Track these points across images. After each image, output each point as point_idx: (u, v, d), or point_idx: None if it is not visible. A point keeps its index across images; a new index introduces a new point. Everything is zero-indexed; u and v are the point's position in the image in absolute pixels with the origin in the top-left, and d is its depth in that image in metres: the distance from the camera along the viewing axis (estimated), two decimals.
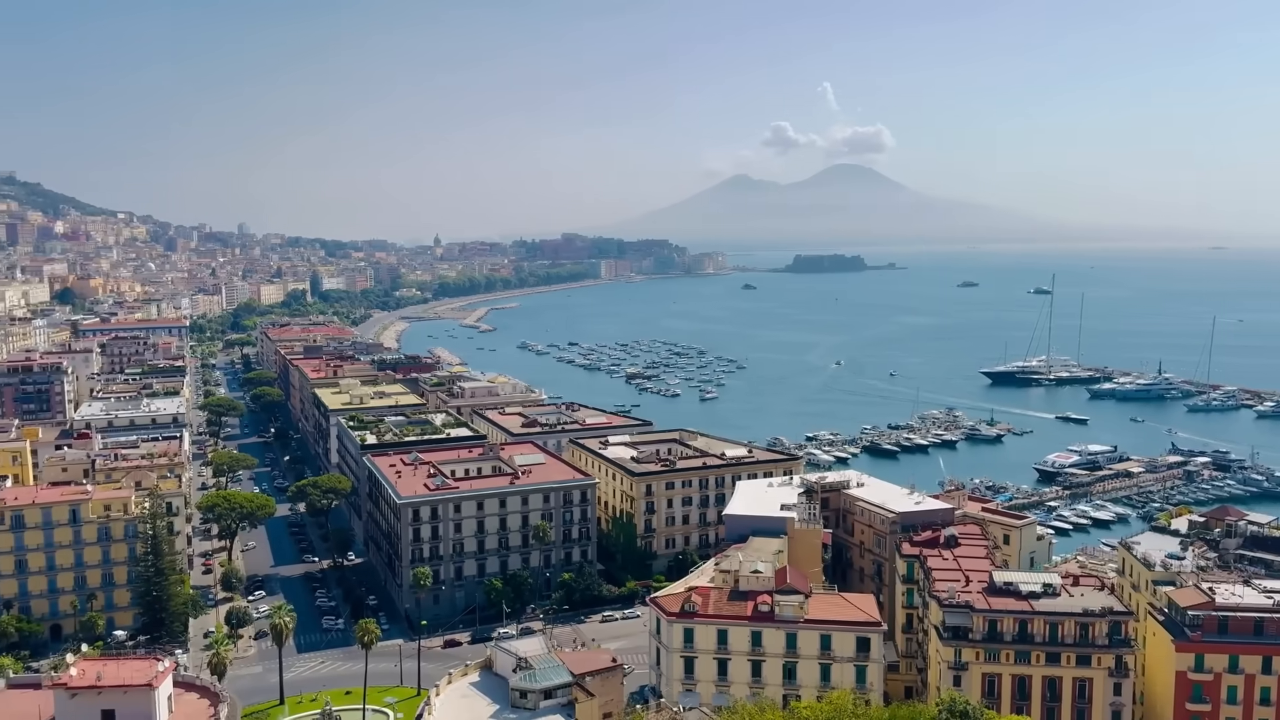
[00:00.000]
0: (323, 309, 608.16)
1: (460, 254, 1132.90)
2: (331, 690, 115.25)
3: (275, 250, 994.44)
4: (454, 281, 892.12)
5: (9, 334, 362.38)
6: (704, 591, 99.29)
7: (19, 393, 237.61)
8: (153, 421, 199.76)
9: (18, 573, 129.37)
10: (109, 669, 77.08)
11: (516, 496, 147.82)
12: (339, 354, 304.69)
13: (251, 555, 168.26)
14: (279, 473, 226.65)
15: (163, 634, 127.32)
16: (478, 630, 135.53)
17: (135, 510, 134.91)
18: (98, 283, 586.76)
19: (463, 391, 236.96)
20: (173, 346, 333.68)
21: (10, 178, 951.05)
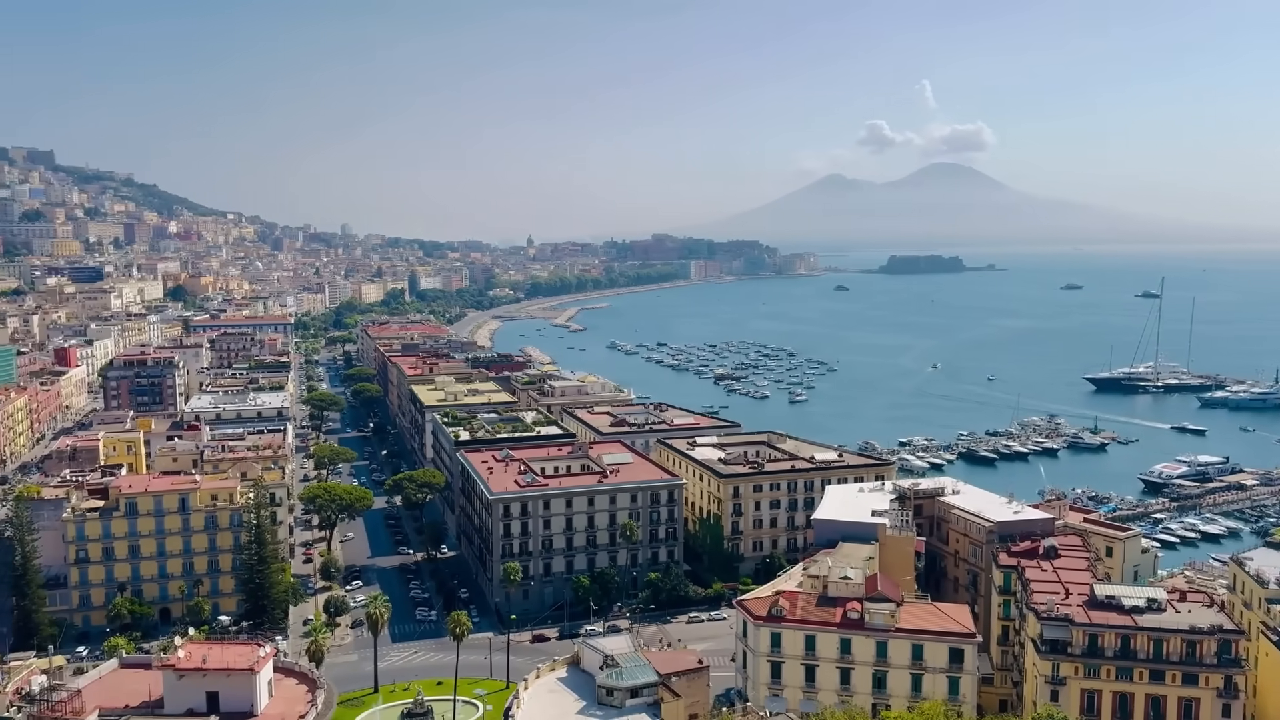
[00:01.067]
0: (420, 308, 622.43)
1: (552, 254, 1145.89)
2: (423, 680, 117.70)
3: (376, 250, 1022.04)
4: (545, 281, 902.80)
5: (125, 329, 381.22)
6: (792, 596, 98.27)
7: (134, 385, 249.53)
8: (258, 415, 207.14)
9: (131, 557, 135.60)
10: (214, 652, 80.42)
11: (604, 495, 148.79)
12: (435, 352, 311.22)
13: (350, 546, 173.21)
14: (377, 466, 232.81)
15: (264, 620, 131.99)
16: (565, 626, 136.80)
17: (240, 500, 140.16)
18: (208, 281, 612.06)
19: (553, 390, 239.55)
20: (278, 343, 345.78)
21: (129, 179, 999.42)
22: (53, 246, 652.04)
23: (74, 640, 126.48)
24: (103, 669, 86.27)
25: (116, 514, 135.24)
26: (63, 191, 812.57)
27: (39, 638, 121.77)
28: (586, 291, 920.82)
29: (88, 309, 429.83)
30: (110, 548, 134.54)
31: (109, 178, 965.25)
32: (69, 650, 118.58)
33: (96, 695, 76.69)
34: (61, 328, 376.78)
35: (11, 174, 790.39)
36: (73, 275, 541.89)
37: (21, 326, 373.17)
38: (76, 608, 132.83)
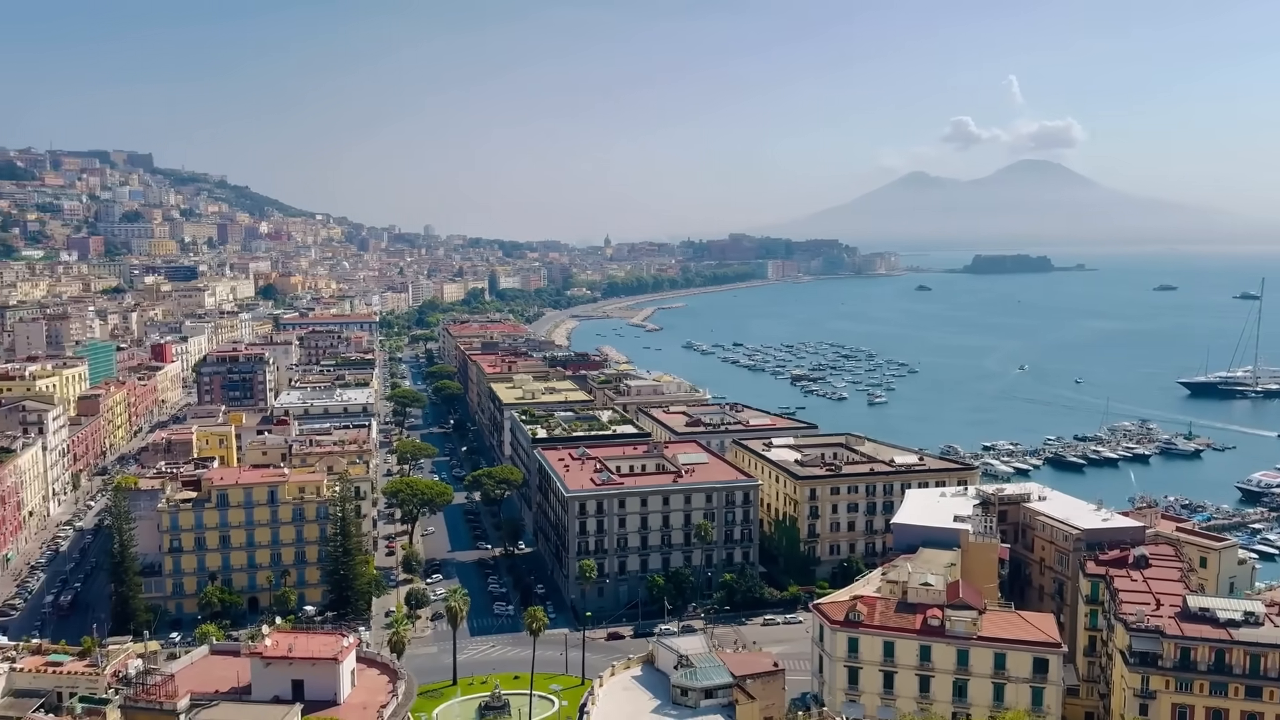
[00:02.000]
0: (499, 307, 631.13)
1: (629, 254, 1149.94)
2: (501, 674, 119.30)
3: (457, 251, 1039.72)
4: (622, 281, 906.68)
5: (218, 326, 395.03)
6: (870, 601, 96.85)
7: (226, 381, 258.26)
8: (344, 410, 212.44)
9: (221, 547, 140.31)
10: (299, 642, 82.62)
11: (679, 495, 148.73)
12: (513, 350, 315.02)
13: (430, 540, 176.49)
14: (456, 462, 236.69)
15: (348, 611, 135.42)
16: (640, 625, 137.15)
17: (326, 493, 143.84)
18: (297, 280, 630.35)
19: (629, 389, 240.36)
20: (363, 341, 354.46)
21: (222, 181, 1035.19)
22: (150, 246, 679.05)
23: (168, 626, 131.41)
24: (194, 655, 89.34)
25: (208, 505, 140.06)
26: (160, 193, 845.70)
27: (135, 623, 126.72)
28: (663, 291, 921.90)
29: (183, 307, 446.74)
30: (202, 538, 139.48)
31: (204, 180, 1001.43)
32: (163, 636, 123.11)
33: (188, 680, 79.44)
34: (158, 325, 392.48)
35: (113, 177, 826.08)
36: (169, 274, 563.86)
37: (121, 323, 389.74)
38: (170, 595, 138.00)
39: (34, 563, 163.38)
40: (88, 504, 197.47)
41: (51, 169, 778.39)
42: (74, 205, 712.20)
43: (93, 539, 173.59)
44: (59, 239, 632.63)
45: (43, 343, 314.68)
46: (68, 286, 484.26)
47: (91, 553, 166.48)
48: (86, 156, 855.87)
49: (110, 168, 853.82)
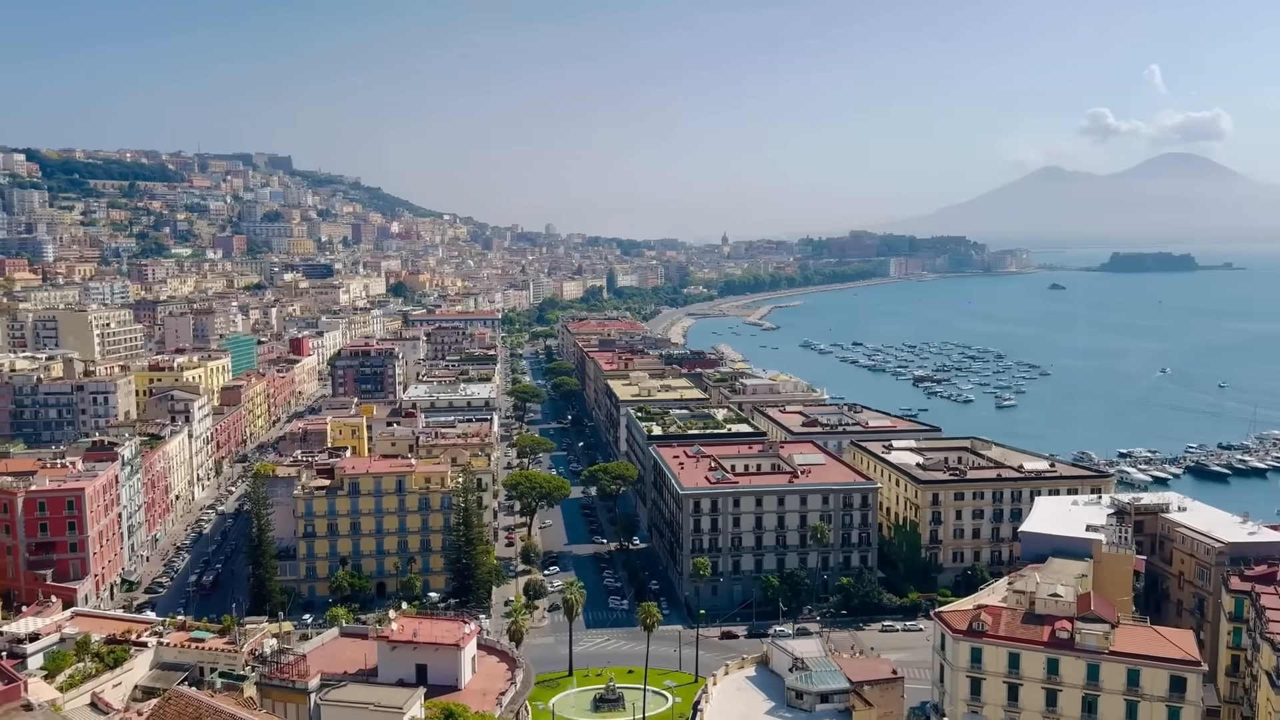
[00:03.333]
0: (617, 305, 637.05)
1: (746, 252, 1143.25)
2: (615, 667, 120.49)
3: (577, 249, 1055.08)
4: (739, 279, 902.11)
5: (352, 322, 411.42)
6: (995, 611, 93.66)
7: (358, 374, 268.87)
8: (467, 404, 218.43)
9: (352, 534, 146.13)
10: (424, 627, 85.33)
11: (795, 495, 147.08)
12: (630, 348, 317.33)
13: (548, 532, 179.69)
14: (574, 457, 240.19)
15: (470, 599, 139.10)
16: (754, 625, 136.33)
17: (450, 484, 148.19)
18: (425, 278, 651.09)
19: (744, 388, 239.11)
20: (486, 337, 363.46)
21: (357, 183, 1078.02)
22: (289, 245, 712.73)
23: (300, 608, 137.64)
24: (325, 637, 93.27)
25: (340, 493, 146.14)
26: (299, 194, 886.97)
27: (271, 604, 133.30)
28: (780, 290, 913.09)
29: (319, 303, 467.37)
30: (334, 524, 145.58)
31: (339, 181, 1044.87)
32: (296, 617, 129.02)
33: (319, 661, 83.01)
34: (296, 320, 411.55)
35: (255, 179, 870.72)
36: (306, 271, 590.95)
37: (262, 318, 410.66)
38: (304, 578, 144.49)
39: (179, 544, 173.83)
40: (229, 489, 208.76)
41: (199, 171, 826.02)
42: (219, 206, 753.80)
43: (233, 523, 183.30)
44: (206, 238, 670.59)
45: (190, 336, 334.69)
46: (213, 283, 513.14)
47: (232, 536, 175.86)
48: (231, 159, 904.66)
49: (253, 170, 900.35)
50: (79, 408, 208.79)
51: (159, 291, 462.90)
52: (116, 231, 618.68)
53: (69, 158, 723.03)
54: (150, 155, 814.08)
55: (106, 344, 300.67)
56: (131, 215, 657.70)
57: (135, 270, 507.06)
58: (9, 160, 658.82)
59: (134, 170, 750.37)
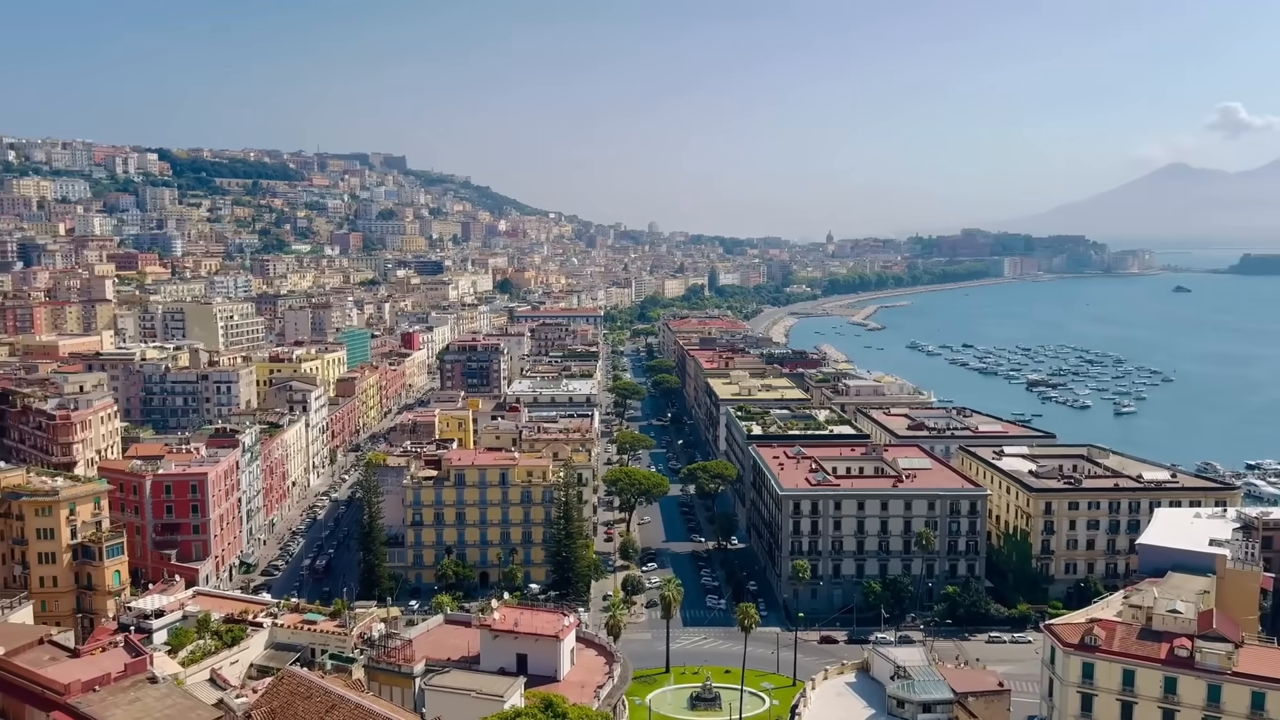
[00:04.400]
0: (718, 303, 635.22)
1: (852, 251, 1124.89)
2: (712, 667, 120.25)
3: (679, 247, 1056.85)
4: (844, 278, 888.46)
5: (460, 317, 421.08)
6: (1108, 625, 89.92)
7: (465, 368, 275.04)
8: (569, 400, 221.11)
9: (457, 524, 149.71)
10: (524, 617, 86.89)
11: (899, 500, 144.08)
12: (731, 346, 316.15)
13: (646, 529, 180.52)
14: (673, 455, 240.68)
15: (569, 592, 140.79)
16: (854, 631, 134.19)
17: (552, 478, 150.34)
18: (530, 275, 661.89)
19: (847, 389, 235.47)
20: (588, 334, 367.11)
21: (467, 182, 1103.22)
22: (402, 242, 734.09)
23: (407, 594, 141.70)
24: (430, 623, 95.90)
25: (447, 484, 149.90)
26: (412, 193, 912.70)
27: (379, 589, 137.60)
28: (887, 289, 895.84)
29: (429, 299, 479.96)
30: (441, 513, 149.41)
31: (449, 180, 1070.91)
32: (403, 603, 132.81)
33: (424, 646, 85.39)
34: (407, 315, 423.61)
35: (371, 178, 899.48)
36: (418, 268, 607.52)
37: (375, 313, 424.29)
38: (411, 565, 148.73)
39: (295, 529, 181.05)
40: (342, 477, 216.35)
41: (319, 171, 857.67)
42: (337, 204, 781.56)
43: (345, 509, 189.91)
44: (324, 235, 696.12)
45: (308, 329, 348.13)
46: (330, 278, 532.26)
47: (344, 522, 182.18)
48: (348, 159, 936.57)
49: (369, 169, 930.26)
50: (203, 396, 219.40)
51: (279, 286, 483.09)
52: (240, 228, 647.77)
53: (197, 157, 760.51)
54: (273, 155, 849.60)
55: (230, 335, 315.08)
56: (254, 213, 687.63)
57: (257, 265, 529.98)
58: (143, 159, 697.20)
59: (257, 169, 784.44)
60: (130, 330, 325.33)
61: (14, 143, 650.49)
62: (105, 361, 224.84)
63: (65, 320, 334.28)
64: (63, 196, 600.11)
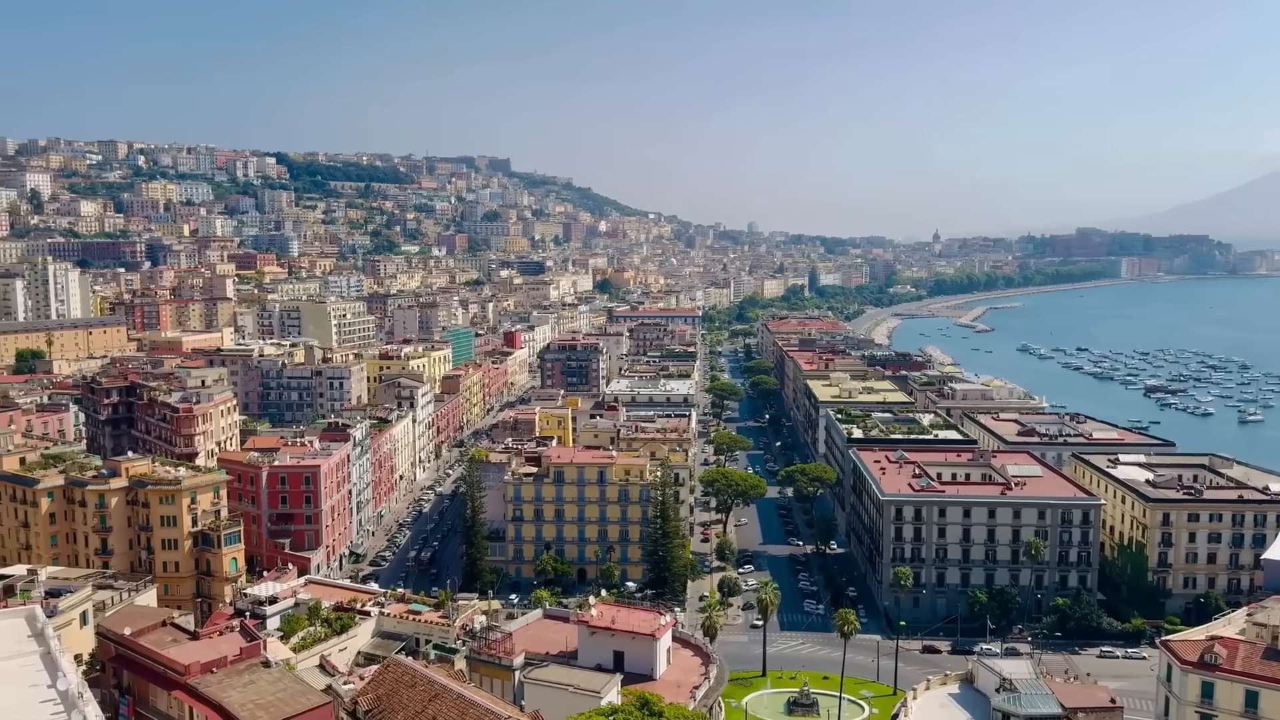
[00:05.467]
0: (818, 304, 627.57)
1: (959, 250, 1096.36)
2: (809, 672, 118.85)
3: (779, 247, 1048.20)
4: (951, 279, 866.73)
5: (560, 317, 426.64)
6: (1230, 644, 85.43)
7: (565, 367, 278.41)
8: (667, 400, 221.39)
9: (556, 520, 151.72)
10: (621, 615, 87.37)
11: (1007, 509, 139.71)
12: (831, 348, 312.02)
13: (743, 531, 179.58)
14: (770, 457, 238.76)
15: (665, 591, 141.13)
16: (958, 641, 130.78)
17: (649, 477, 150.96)
18: (629, 275, 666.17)
19: (953, 393, 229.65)
20: (686, 334, 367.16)
21: (569, 184, 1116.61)
22: (506, 243, 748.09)
23: (508, 588, 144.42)
24: (529, 617, 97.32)
25: (546, 481, 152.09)
26: (515, 195, 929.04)
27: (481, 582, 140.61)
28: (996, 290, 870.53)
29: (531, 298, 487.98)
30: (540, 510, 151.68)
31: (552, 182, 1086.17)
32: (503, 596, 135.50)
33: (523, 640, 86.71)
34: (510, 314, 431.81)
35: (476, 180, 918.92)
36: (520, 268, 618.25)
37: (479, 312, 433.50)
38: (511, 560, 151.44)
39: (401, 521, 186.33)
40: (447, 472, 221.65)
41: (427, 174, 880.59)
42: (444, 206, 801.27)
43: (449, 503, 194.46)
44: (431, 236, 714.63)
45: (415, 327, 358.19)
46: (437, 278, 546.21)
47: (448, 516, 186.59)
48: (456, 162, 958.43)
49: (475, 172, 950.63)
50: (317, 391, 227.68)
51: (389, 286, 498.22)
52: (353, 230, 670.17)
53: (313, 161, 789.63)
54: (384, 159, 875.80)
55: (342, 333, 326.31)
56: (366, 215, 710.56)
57: (369, 266, 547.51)
58: (262, 163, 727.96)
59: (369, 173, 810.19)
60: (249, 327, 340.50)
61: (143, 148, 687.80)
62: (225, 357, 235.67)
63: (189, 317, 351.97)
64: (187, 199, 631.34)
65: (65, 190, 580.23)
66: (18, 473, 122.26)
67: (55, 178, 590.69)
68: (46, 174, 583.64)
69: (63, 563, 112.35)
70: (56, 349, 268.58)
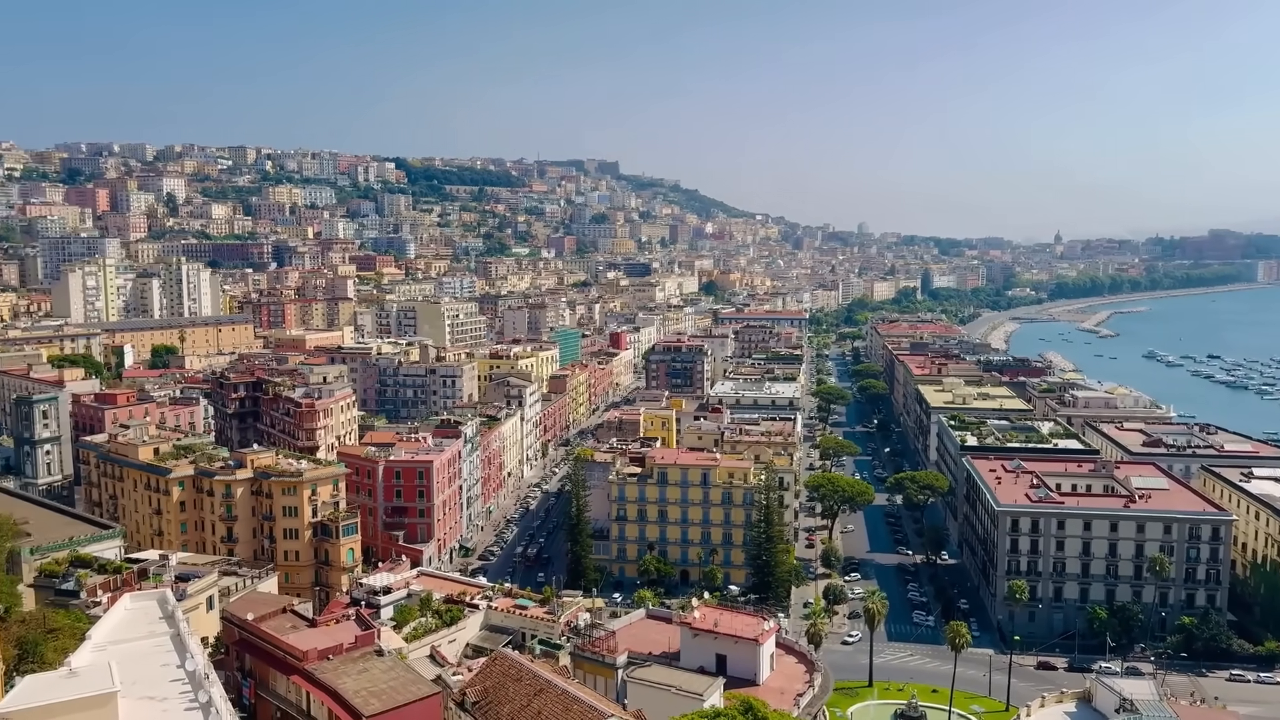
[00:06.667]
0: (931, 306, 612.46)
1: (1082, 252, 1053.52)
2: (918, 684, 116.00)
3: (890, 249, 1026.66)
4: (1073, 281, 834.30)
5: (665, 319, 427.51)
6: None
7: (670, 368, 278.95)
8: (772, 403, 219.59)
9: (659, 521, 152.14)
10: (724, 618, 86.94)
11: (1130, 522, 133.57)
12: (944, 352, 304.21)
13: (849, 538, 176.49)
14: (878, 463, 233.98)
15: (769, 596, 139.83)
16: (1075, 658, 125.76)
17: (753, 480, 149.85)
18: (735, 277, 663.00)
19: (1074, 400, 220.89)
20: (793, 336, 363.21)
21: (676, 186, 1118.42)
22: (613, 245, 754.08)
23: (611, 587, 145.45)
24: (632, 616, 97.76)
25: (650, 481, 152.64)
26: (623, 197, 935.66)
27: (585, 580, 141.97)
28: (1121, 293, 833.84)
29: (637, 300, 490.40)
30: (644, 510, 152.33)
31: (659, 184, 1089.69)
32: (606, 594, 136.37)
33: (626, 639, 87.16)
34: (615, 315, 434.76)
35: (585, 183, 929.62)
36: (627, 270, 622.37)
37: (586, 313, 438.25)
38: (614, 558, 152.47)
39: (509, 517, 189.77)
40: (553, 470, 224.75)
41: (538, 177, 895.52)
42: (554, 209, 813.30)
43: (555, 501, 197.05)
44: (541, 238, 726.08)
45: (524, 328, 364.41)
46: (546, 280, 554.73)
47: (554, 513, 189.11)
48: (565, 166, 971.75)
49: (584, 175, 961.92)
50: (431, 388, 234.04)
51: (500, 287, 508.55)
52: (466, 232, 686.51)
53: (430, 165, 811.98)
54: (496, 163, 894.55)
55: (455, 333, 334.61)
56: (479, 217, 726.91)
57: (481, 267, 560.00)
58: (382, 168, 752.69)
59: (483, 176, 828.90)
60: (368, 326, 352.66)
61: (270, 153, 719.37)
62: (345, 355, 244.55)
63: (312, 316, 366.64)
64: (311, 203, 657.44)
65: (198, 194, 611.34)
66: (152, 462, 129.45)
67: (189, 182, 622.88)
68: (181, 178, 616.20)
69: (191, 549, 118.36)
70: (189, 345, 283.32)
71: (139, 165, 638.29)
